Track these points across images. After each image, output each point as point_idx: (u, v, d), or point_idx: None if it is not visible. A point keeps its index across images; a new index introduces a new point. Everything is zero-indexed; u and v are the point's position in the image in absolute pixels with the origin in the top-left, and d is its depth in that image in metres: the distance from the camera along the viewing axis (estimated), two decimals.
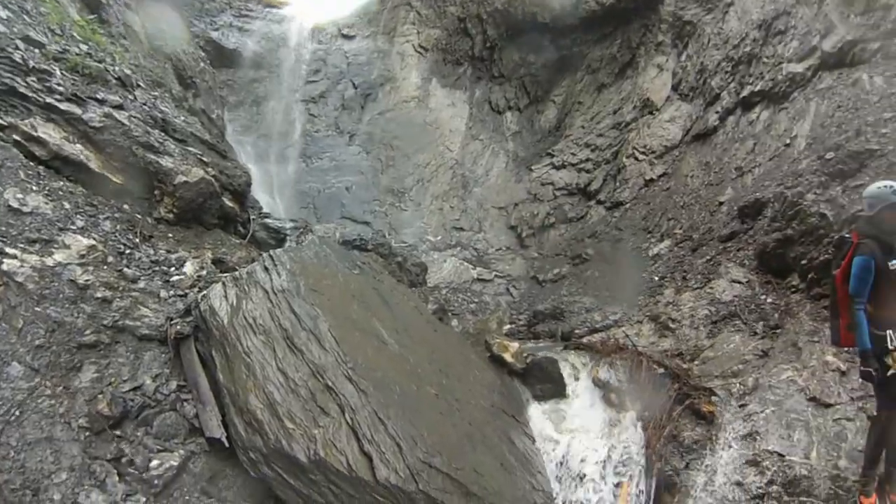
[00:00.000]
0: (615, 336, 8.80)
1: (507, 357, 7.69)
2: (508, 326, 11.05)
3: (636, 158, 13.79)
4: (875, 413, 5.13)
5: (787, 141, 10.51)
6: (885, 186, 4.67)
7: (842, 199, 7.53)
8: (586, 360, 7.88)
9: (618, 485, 6.49)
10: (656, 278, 10.23)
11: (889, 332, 4.59)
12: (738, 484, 5.86)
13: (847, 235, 4.98)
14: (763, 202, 9.25)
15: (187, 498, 4.99)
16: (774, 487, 5.61)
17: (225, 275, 6.60)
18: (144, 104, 8.38)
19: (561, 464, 6.60)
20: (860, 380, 5.93)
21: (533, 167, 15.97)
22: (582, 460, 6.61)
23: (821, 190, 7.93)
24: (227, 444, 5.20)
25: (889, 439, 4.90)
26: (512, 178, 16.34)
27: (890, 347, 4.57)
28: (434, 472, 4.99)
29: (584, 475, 6.54)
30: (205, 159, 8.48)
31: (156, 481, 4.92)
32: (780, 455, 5.82)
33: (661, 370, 7.47)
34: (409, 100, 17.33)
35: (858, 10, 10.46)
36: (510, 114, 17.35)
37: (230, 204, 8.83)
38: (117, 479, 4.77)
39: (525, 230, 14.97)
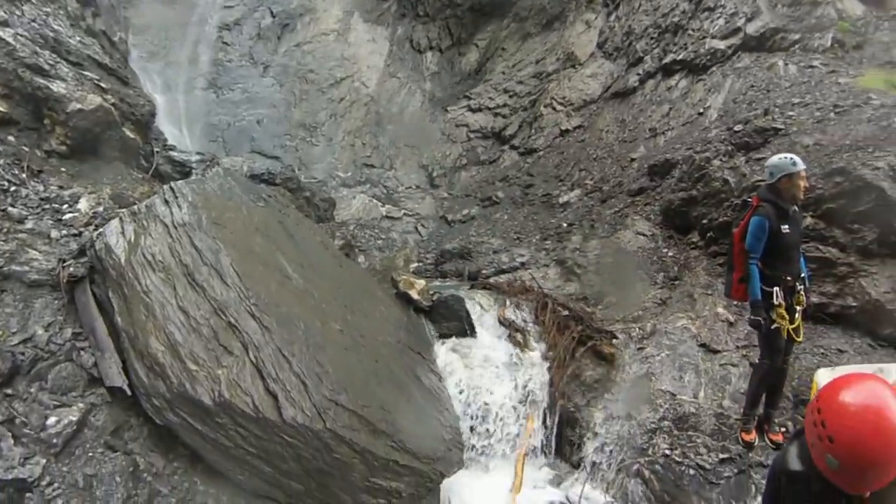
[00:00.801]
0: (522, 278, 8.77)
1: (414, 294, 7.43)
2: (416, 264, 10.81)
3: (554, 108, 13.75)
4: (757, 361, 5.47)
5: (701, 110, 10.86)
6: (786, 158, 4.91)
7: (744, 169, 7.85)
8: (493, 300, 7.79)
9: (522, 420, 6.56)
10: (565, 224, 10.33)
11: (776, 289, 4.90)
12: (634, 419, 6.11)
13: (749, 199, 5.24)
14: (672, 163, 9.52)
15: (90, 454, 4.47)
16: (666, 423, 5.90)
17: (123, 210, 5.88)
18: (33, 21, 7.26)
19: (467, 401, 6.55)
20: (746, 329, 6.37)
21: (449, 108, 15.60)
22: (488, 398, 6.59)
23: (726, 158, 8.24)
24: (129, 393, 4.70)
25: (768, 384, 5.28)
26: (427, 117, 15.90)
27: (775, 303, 4.88)
28: (340, 409, 4.78)
29: (490, 412, 6.54)
30: (103, 85, 7.50)
31: (55, 440, 4.36)
32: (673, 394, 6.13)
33: (566, 313, 7.55)
34: (329, 33, 16.21)
35: (786, 1, 10.99)
36: (431, 54, 16.72)
37: (132, 135, 7.91)
38: (12, 442, 4.19)
39: (436, 170, 14.67)
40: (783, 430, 5.48)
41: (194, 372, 4.53)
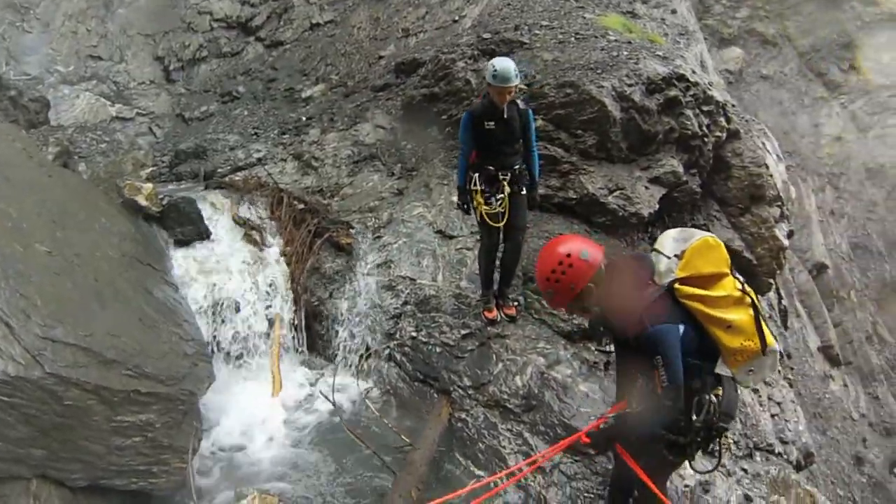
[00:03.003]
0: (257, 174, 7.82)
1: (141, 200, 6.11)
2: (150, 169, 8.88)
3: (307, 1, 12.24)
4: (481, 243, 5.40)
5: (457, 17, 10.48)
6: (493, 67, 4.66)
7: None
8: (227, 199, 6.80)
9: (270, 320, 5.95)
10: (304, 119, 9.26)
11: (476, 175, 4.96)
12: (378, 306, 5.86)
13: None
14: (420, 62, 8.99)
15: None
16: (409, 307, 5.72)
17: None
18: None
19: (210, 308, 5.66)
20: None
21: None
22: (231, 301, 5.79)
23: (472, 61, 7.95)
24: None
25: (490, 262, 5.25)
26: (165, 2, 12.96)
27: (472, 188, 4.97)
28: (59, 346, 3.66)
29: (235, 317, 5.76)
30: None
31: None
32: (412, 279, 5.92)
33: (302, 206, 6.90)
34: None
35: None
36: None
37: None
38: None
39: (173, 62, 12.11)
40: (515, 304, 5.47)
41: None
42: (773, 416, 6.78)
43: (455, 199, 6.58)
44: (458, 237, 6.26)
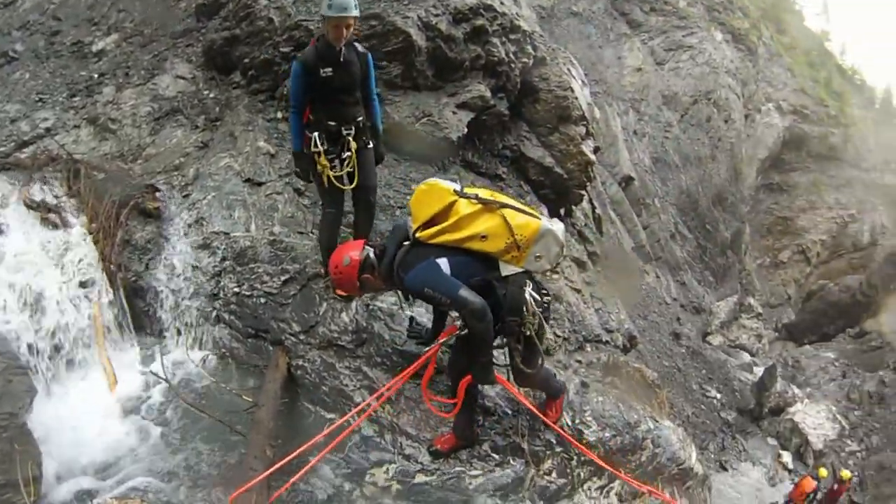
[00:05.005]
0: (47, 147, 6.67)
1: None
2: None
3: None
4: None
5: None
6: None
7: (290, 9, 6.98)
8: (15, 182, 5.70)
9: (88, 308, 5.02)
10: (96, 76, 7.89)
11: (315, 134, 4.18)
12: (196, 268, 5.34)
13: None
14: (222, 3, 7.97)
15: None
16: (227, 262, 5.29)
17: None
18: None
19: (14, 312, 4.62)
20: (287, 158, 5.84)
21: None
22: (38, 299, 4.79)
23: None
24: None
25: (334, 229, 4.73)
26: None
27: (313, 150, 4.20)
28: None
29: (47, 315, 4.77)
30: None
31: None
32: (226, 233, 5.47)
33: (102, 175, 6.02)
34: None
35: None
36: None
37: None
38: None
39: None
40: None
41: None
42: (597, 310, 7.34)
43: (262, 144, 6.11)
44: (266, 183, 5.83)
